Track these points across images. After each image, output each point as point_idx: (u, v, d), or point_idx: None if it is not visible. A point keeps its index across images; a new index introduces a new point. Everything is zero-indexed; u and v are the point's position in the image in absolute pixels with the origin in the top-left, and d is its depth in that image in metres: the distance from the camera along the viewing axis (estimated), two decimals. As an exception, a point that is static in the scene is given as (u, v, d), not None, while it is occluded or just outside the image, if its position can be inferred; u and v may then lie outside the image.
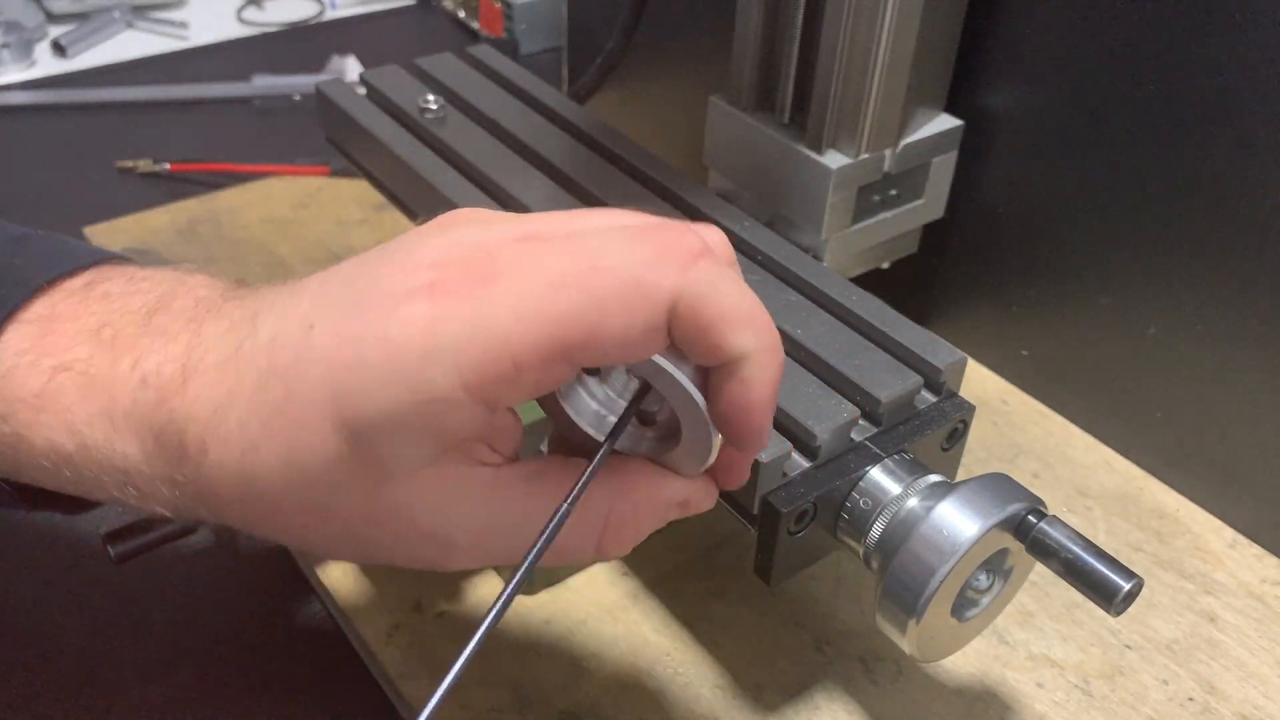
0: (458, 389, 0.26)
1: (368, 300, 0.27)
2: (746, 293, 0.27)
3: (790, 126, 0.50)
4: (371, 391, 0.26)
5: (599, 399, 0.31)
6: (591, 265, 0.26)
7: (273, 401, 0.27)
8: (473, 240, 0.27)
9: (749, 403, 0.27)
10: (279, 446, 0.27)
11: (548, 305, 0.25)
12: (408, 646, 0.43)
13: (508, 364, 0.26)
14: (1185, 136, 0.45)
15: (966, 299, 0.57)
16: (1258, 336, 0.46)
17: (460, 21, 1.00)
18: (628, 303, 0.26)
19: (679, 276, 0.26)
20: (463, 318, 0.25)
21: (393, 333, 0.26)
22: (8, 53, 0.89)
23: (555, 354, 0.26)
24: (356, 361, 0.26)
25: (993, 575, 0.37)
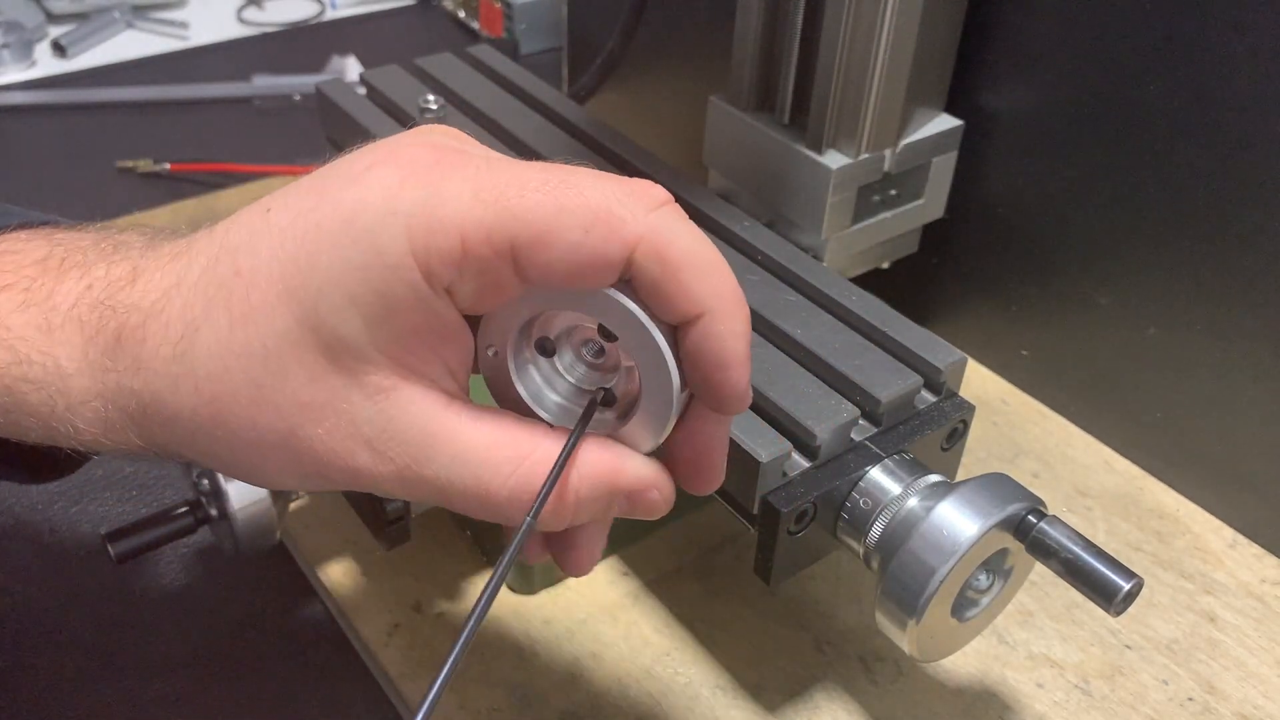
0: (406, 256, 0.25)
1: (331, 178, 0.27)
2: (709, 245, 0.27)
3: (790, 126, 0.50)
4: (322, 258, 0.25)
5: (544, 374, 0.30)
6: (562, 179, 0.26)
7: (219, 279, 0.26)
8: (448, 141, 0.27)
9: (724, 358, 0.27)
10: (221, 324, 0.26)
11: (510, 197, 0.25)
12: (408, 646, 0.43)
13: (455, 241, 0.25)
14: (1185, 136, 0.45)
15: (966, 299, 0.57)
16: (1257, 336, 0.46)
17: (460, 21, 1.00)
18: (590, 223, 0.25)
19: (645, 215, 0.26)
20: (421, 187, 0.25)
21: (350, 196, 0.26)
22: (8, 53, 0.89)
23: (504, 246, 0.25)
24: (309, 228, 0.26)
25: (993, 575, 0.37)
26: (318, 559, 0.47)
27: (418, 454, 0.27)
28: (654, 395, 0.28)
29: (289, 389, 0.27)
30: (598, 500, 0.29)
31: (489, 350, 0.29)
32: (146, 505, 0.51)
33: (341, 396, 0.27)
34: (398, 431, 0.27)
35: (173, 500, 0.43)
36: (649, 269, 0.26)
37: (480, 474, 0.28)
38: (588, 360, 0.30)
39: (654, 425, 0.28)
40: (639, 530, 0.48)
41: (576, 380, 0.30)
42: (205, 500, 0.42)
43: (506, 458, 0.28)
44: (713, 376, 0.27)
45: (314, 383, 0.27)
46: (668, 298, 0.26)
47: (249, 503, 0.40)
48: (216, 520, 0.41)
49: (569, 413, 0.30)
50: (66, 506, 0.51)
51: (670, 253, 0.26)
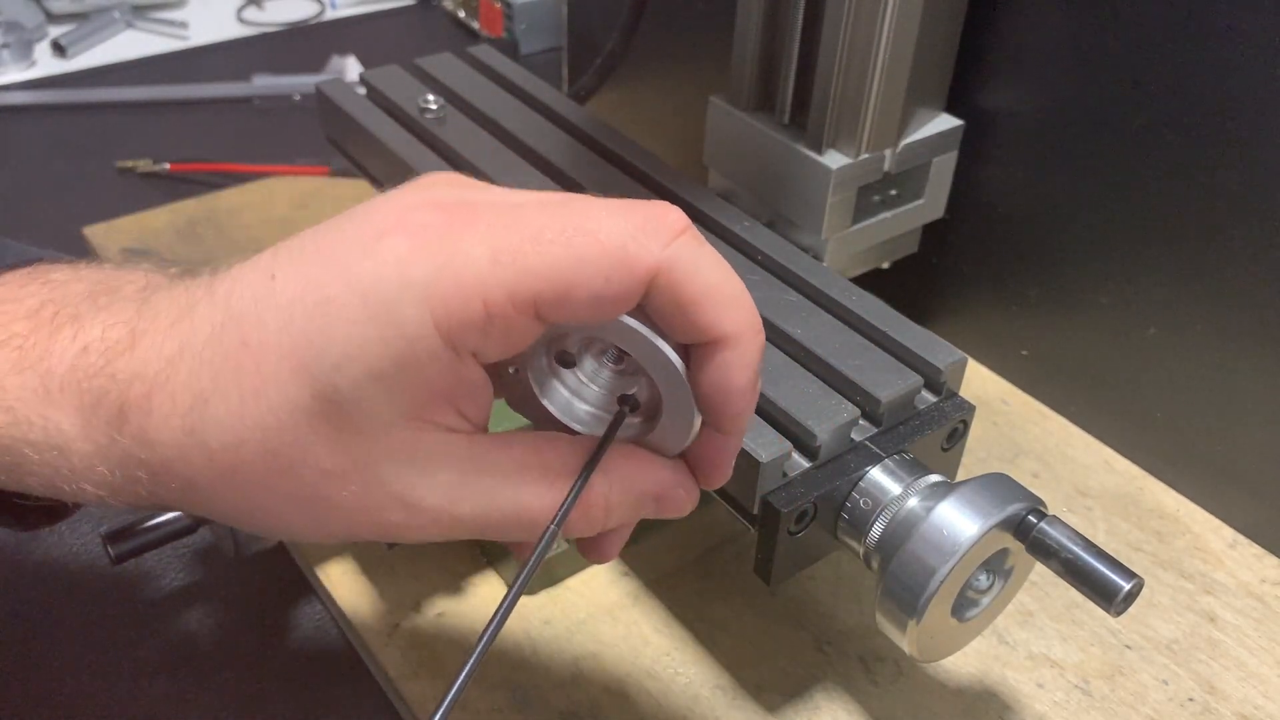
0: (428, 326, 0.25)
1: (339, 246, 0.26)
2: (729, 274, 0.27)
3: (790, 126, 0.50)
4: (338, 332, 0.25)
5: (569, 386, 0.30)
6: (576, 226, 0.25)
7: (227, 349, 0.26)
8: (453, 195, 0.27)
9: (729, 387, 0.27)
10: (232, 397, 0.26)
11: (526, 254, 0.25)
12: (408, 646, 0.43)
13: (478, 306, 0.25)
14: (1185, 136, 0.45)
15: (966, 300, 0.57)
16: (1258, 336, 0.46)
17: (460, 21, 1.00)
18: (607, 266, 0.25)
19: (661, 250, 0.26)
20: (438, 254, 0.25)
21: (364, 270, 0.25)
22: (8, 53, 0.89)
23: (526, 304, 0.25)
24: (322, 301, 0.25)
25: (993, 575, 0.37)
26: (318, 559, 0.47)
27: (452, 496, 0.28)
28: (675, 408, 0.28)
29: (309, 459, 0.26)
30: (627, 505, 0.30)
31: (510, 369, 0.29)
32: (146, 505, 0.51)
33: (365, 461, 0.27)
34: (427, 481, 0.27)
35: (173, 500, 0.43)
36: (663, 301, 0.26)
37: (519, 498, 0.28)
38: (609, 367, 0.30)
39: (678, 433, 0.29)
40: (639, 530, 0.48)
41: (601, 387, 0.30)
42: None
43: (540, 476, 0.28)
44: (715, 401, 0.27)
45: (335, 452, 0.26)
46: (678, 328, 0.27)
47: (249, 503, 0.40)
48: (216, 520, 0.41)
49: (600, 420, 0.30)
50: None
51: (684, 289, 0.26)
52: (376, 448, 0.26)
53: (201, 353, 0.26)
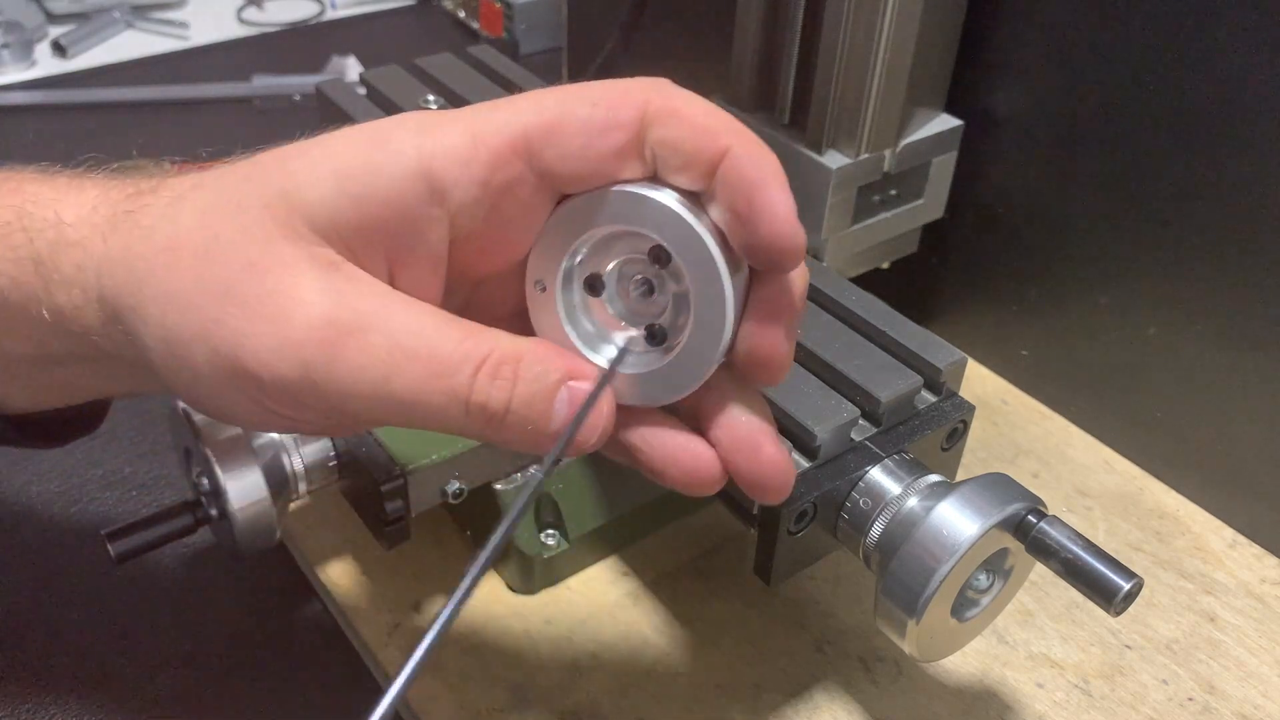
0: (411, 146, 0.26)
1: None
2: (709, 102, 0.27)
3: (790, 126, 0.50)
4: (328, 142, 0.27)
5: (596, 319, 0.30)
6: (567, 86, 0.27)
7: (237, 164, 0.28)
8: None
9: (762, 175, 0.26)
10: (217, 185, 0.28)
11: (517, 103, 0.27)
12: (408, 647, 0.43)
13: (467, 139, 0.26)
14: (1185, 136, 0.45)
15: (966, 299, 0.57)
16: (1258, 336, 0.46)
17: (460, 21, 1.00)
18: (596, 98, 0.26)
19: (648, 86, 0.27)
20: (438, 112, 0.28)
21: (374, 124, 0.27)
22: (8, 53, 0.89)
23: (516, 137, 0.26)
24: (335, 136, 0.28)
25: (993, 575, 0.37)
26: (318, 559, 0.47)
27: (363, 321, 0.26)
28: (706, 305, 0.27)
29: (241, 247, 0.27)
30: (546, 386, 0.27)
31: (537, 286, 0.29)
32: (146, 505, 0.51)
33: (288, 260, 0.26)
34: (344, 298, 0.26)
35: (173, 500, 0.43)
36: (666, 125, 0.26)
37: (433, 339, 0.26)
38: (636, 302, 0.29)
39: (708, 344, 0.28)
40: (639, 530, 0.48)
41: (629, 322, 0.30)
42: (205, 500, 0.42)
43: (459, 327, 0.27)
44: (758, 200, 0.26)
45: (265, 244, 0.27)
46: (692, 146, 0.26)
47: (249, 503, 0.40)
48: (216, 520, 0.41)
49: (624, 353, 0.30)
50: (66, 506, 0.51)
51: (679, 103, 0.26)
52: (305, 255, 0.27)
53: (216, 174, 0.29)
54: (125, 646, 0.45)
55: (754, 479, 0.29)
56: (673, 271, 0.28)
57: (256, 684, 0.44)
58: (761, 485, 0.29)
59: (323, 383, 0.26)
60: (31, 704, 0.42)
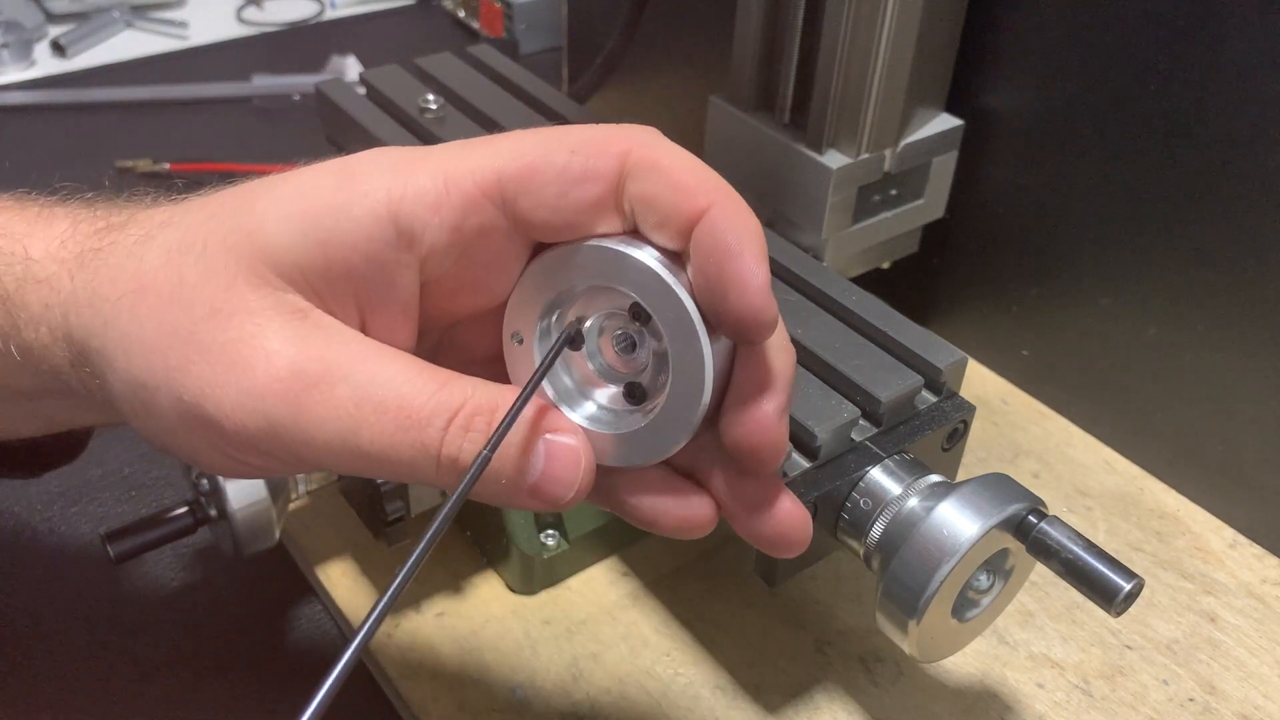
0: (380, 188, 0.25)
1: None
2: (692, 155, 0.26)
3: (790, 126, 0.50)
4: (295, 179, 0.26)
5: (575, 377, 0.29)
6: (546, 129, 0.26)
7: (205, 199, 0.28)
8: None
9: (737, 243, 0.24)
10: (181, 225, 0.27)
11: (495, 144, 0.26)
12: (408, 647, 0.43)
13: (439, 179, 0.25)
14: (1185, 136, 0.45)
15: (966, 299, 0.57)
16: (1258, 336, 0.46)
17: (460, 21, 1.00)
18: (576, 145, 0.25)
19: (627, 133, 0.26)
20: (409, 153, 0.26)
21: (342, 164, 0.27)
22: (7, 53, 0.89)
23: (489, 181, 0.25)
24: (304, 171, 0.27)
25: (993, 575, 0.37)
26: (318, 559, 0.46)
27: (329, 371, 0.25)
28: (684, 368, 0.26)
29: (205, 291, 0.26)
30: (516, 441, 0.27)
31: (514, 338, 0.28)
32: (146, 505, 0.51)
33: (251, 307, 0.26)
34: (309, 347, 0.26)
35: (172, 500, 0.43)
36: (645, 180, 0.25)
37: (402, 390, 0.26)
38: (617, 358, 0.29)
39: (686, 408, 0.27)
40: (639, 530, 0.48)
41: (608, 380, 0.29)
42: (204, 500, 0.42)
43: (432, 377, 0.26)
44: (728, 270, 0.25)
45: (229, 289, 0.26)
46: (669, 203, 0.25)
47: (248, 503, 0.40)
48: (216, 520, 0.41)
49: (609, 413, 0.29)
50: (66, 506, 0.51)
51: (660, 156, 0.25)
52: (269, 302, 0.26)
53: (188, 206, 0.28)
54: (125, 646, 0.45)
55: (771, 538, 0.29)
56: (653, 330, 0.27)
57: (256, 684, 0.44)
58: (782, 541, 0.29)
59: (287, 435, 0.25)
60: (31, 704, 0.42)
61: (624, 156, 0.25)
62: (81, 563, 0.48)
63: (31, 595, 0.46)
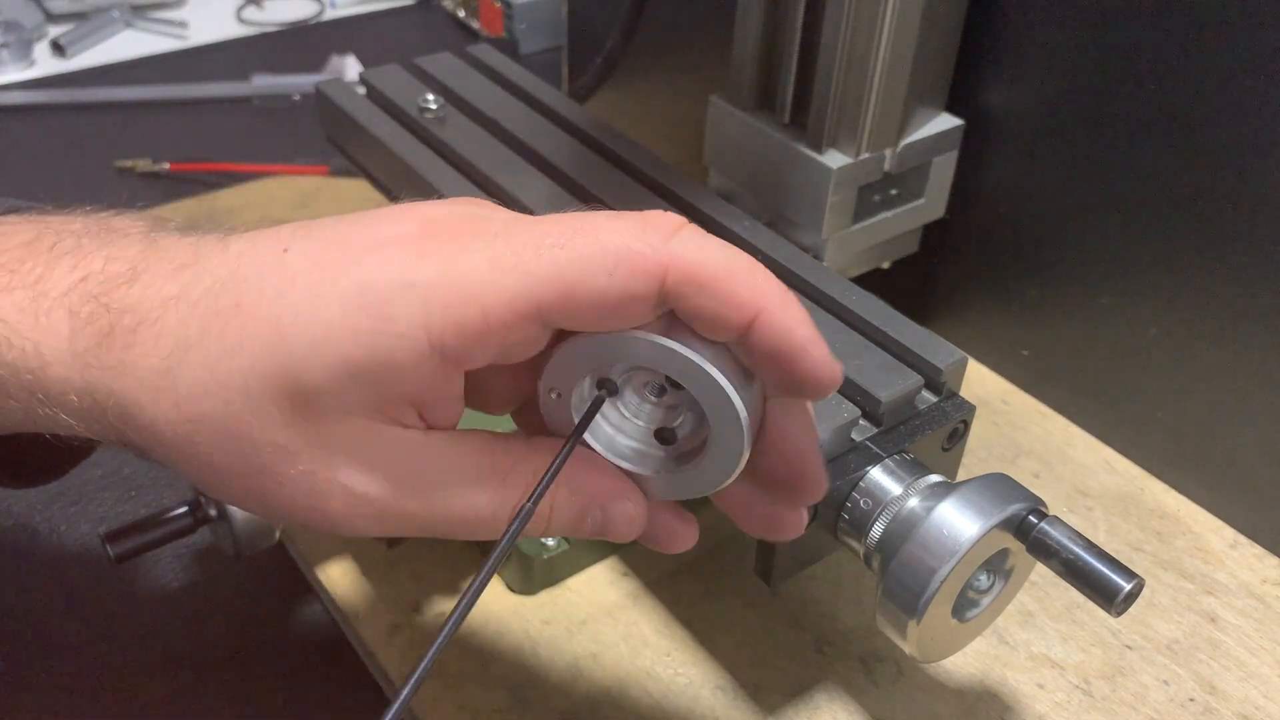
0: (418, 328, 0.25)
1: (354, 236, 0.27)
2: (740, 251, 0.27)
3: (790, 126, 0.50)
4: (325, 311, 0.25)
5: (611, 420, 0.30)
6: (577, 229, 0.26)
7: (221, 305, 0.26)
8: (470, 210, 0.27)
9: (794, 346, 0.26)
10: (211, 350, 0.26)
11: (527, 259, 0.25)
12: (408, 647, 0.43)
13: (476, 313, 0.25)
14: (1185, 136, 0.45)
15: (966, 299, 0.57)
16: (1259, 336, 0.46)
17: (460, 21, 1.00)
18: (610, 263, 0.25)
19: (664, 243, 0.25)
20: (440, 260, 0.25)
21: (370, 263, 0.25)
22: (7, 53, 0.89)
23: (528, 309, 0.25)
24: (322, 284, 0.26)
25: (993, 575, 0.37)
26: (317, 559, 0.46)
27: (398, 492, 0.27)
28: (723, 431, 0.27)
29: (265, 430, 0.26)
30: (573, 511, 0.29)
31: (552, 394, 0.29)
32: (146, 505, 0.51)
33: (317, 444, 0.26)
34: (375, 474, 0.27)
35: (172, 500, 0.43)
36: (686, 293, 0.26)
37: (466, 499, 0.28)
38: (651, 400, 0.30)
39: (728, 456, 0.28)
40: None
41: (645, 421, 0.30)
42: (205, 500, 0.42)
43: (489, 476, 0.28)
44: (793, 369, 0.26)
45: (290, 429, 0.26)
46: (716, 314, 0.26)
47: (249, 503, 0.40)
48: (216, 520, 0.41)
49: (643, 456, 0.30)
50: (66, 506, 0.51)
51: (702, 271, 0.26)
52: (331, 433, 0.26)
53: (197, 302, 0.26)
54: (125, 647, 0.45)
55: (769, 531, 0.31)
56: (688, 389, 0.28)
57: (256, 684, 0.44)
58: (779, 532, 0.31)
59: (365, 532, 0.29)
60: (31, 704, 0.42)
61: (662, 275, 0.25)
62: (81, 563, 0.48)
63: (31, 595, 0.46)
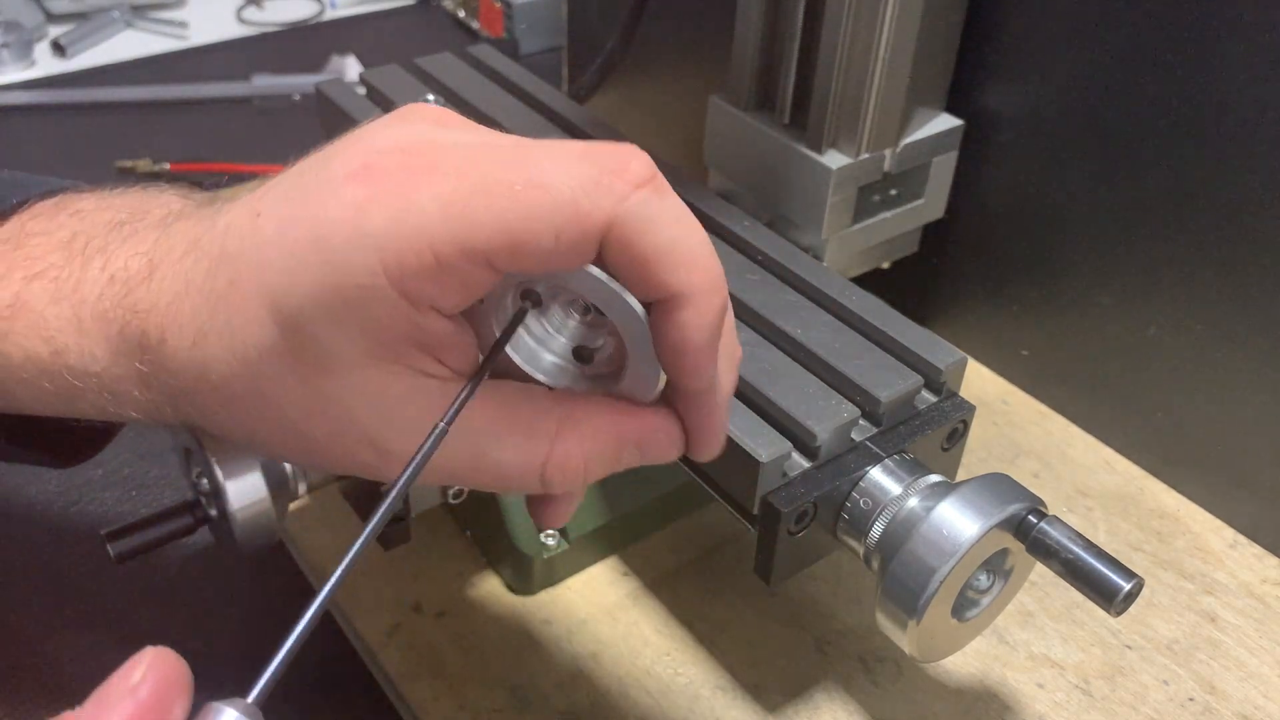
0: (379, 275, 0.25)
1: (312, 186, 0.27)
2: (690, 230, 0.26)
3: (790, 126, 0.50)
4: (298, 275, 0.26)
5: (535, 334, 0.30)
6: (528, 178, 0.25)
7: (218, 289, 0.27)
8: (422, 136, 0.27)
9: (684, 345, 0.27)
10: (223, 334, 0.27)
11: (475, 206, 0.25)
12: (408, 646, 0.43)
13: (428, 256, 0.25)
14: (1185, 136, 0.45)
15: (966, 299, 0.57)
16: (1258, 336, 0.46)
17: (460, 21, 1.00)
18: (557, 222, 0.25)
19: (615, 204, 0.25)
20: (390, 204, 0.25)
21: (323, 216, 0.26)
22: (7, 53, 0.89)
23: (476, 255, 0.25)
24: (290, 243, 0.26)
25: (993, 575, 0.37)
26: (318, 559, 0.46)
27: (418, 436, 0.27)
28: (639, 361, 0.28)
29: (286, 395, 0.28)
30: (607, 456, 0.29)
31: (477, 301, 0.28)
32: (146, 505, 0.51)
33: (334, 399, 0.27)
34: (397, 425, 0.28)
35: (172, 500, 0.43)
36: (616, 256, 0.26)
37: (491, 452, 0.28)
38: (576, 317, 0.30)
39: (644, 387, 0.29)
40: (639, 530, 0.48)
41: (568, 337, 0.30)
42: (205, 500, 0.42)
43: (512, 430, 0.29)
44: (673, 360, 0.27)
45: (306, 389, 0.27)
46: (636, 284, 0.26)
47: (249, 503, 0.40)
48: (216, 520, 0.41)
49: (564, 371, 0.30)
50: (66, 506, 0.51)
51: (637, 245, 0.25)
52: (344, 387, 0.27)
53: (201, 288, 0.28)
54: (125, 646, 0.45)
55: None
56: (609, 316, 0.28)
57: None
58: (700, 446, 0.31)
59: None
60: (31, 703, 0.42)
61: (603, 233, 0.25)
62: (81, 563, 0.48)
63: (32, 595, 0.46)
